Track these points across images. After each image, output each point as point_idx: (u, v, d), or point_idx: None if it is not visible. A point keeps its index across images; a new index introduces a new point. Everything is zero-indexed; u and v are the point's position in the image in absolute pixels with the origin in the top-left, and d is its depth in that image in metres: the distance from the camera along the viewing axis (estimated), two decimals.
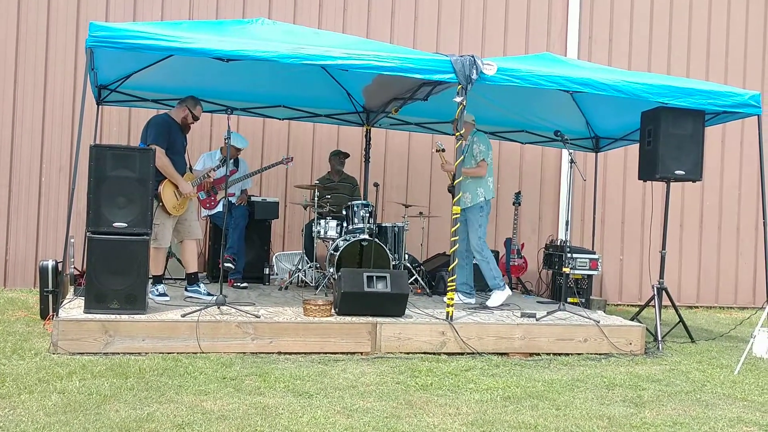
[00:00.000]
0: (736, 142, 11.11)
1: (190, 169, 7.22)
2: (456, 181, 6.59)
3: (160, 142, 6.71)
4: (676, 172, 7.33)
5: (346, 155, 9.43)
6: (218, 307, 6.23)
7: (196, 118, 7.12)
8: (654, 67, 10.73)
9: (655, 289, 7.61)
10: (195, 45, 5.88)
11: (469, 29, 10.40)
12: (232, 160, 8.31)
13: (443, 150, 7.72)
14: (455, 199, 6.54)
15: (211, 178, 7.71)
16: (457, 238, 6.53)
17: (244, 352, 5.84)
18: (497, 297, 7.60)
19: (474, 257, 7.77)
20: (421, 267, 9.08)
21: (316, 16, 9.91)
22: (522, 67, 6.63)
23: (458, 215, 6.50)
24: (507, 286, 7.73)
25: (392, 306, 6.43)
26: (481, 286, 9.10)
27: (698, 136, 7.34)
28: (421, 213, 9.26)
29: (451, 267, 6.49)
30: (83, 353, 5.51)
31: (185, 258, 7.19)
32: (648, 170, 7.55)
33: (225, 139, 8.43)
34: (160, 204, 6.68)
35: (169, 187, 6.74)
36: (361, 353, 6.11)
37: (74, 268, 7.64)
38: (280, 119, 9.54)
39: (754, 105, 7.20)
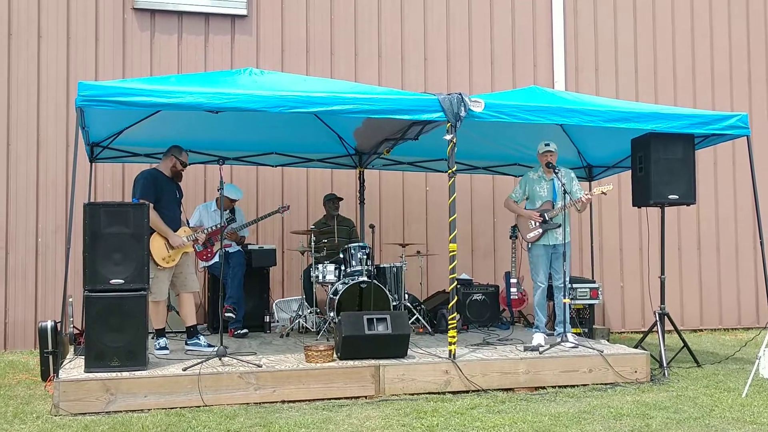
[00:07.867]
0: (728, 162, 11.15)
1: (187, 222, 7.18)
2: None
3: (147, 197, 6.74)
4: (670, 196, 7.36)
5: (340, 199, 9.45)
6: (219, 359, 6.19)
7: (184, 165, 7.09)
8: (641, 97, 10.82)
9: (656, 314, 7.58)
10: (183, 99, 5.95)
11: (456, 66, 10.49)
12: (227, 211, 8.31)
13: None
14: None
15: (201, 235, 7.39)
16: (455, 275, 6.52)
17: (247, 403, 5.79)
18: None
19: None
20: (422, 306, 9.05)
21: (303, 63, 10.00)
22: (509, 103, 6.69)
23: (455, 253, 6.48)
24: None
25: (394, 347, 6.39)
26: (482, 321, 9.10)
27: (689, 159, 7.40)
28: (418, 252, 9.25)
29: (450, 305, 6.47)
30: (85, 413, 5.45)
31: (183, 311, 7.14)
32: (642, 196, 7.58)
33: (218, 190, 8.48)
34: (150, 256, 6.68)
35: (157, 239, 6.73)
36: (366, 397, 6.06)
37: (74, 327, 7.59)
38: (273, 166, 9.59)
39: (742, 126, 7.29)
